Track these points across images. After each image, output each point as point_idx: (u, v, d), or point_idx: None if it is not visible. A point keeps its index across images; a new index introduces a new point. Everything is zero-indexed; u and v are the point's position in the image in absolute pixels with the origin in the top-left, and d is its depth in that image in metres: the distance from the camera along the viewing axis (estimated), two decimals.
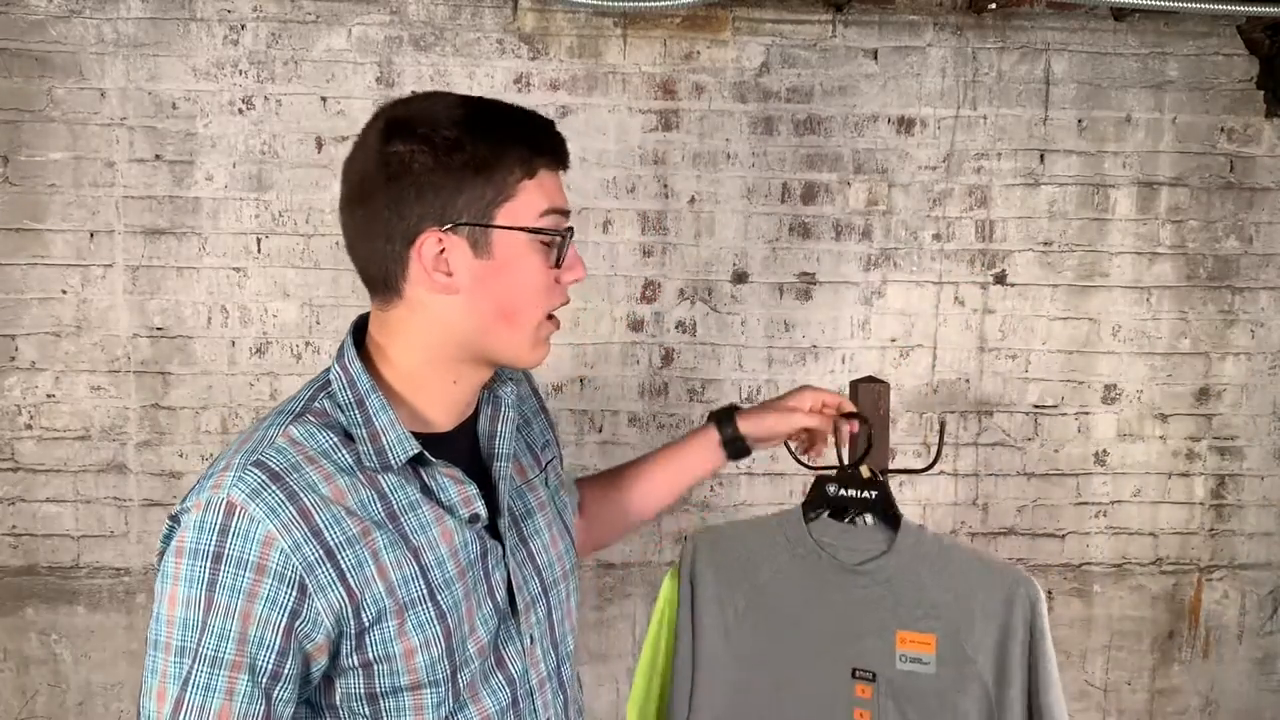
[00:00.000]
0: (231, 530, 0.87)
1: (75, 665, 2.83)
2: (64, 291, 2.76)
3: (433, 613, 0.96)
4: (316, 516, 0.90)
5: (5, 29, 2.68)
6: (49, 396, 2.78)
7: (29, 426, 2.78)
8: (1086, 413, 2.99)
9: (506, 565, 1.05)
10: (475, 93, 1.10)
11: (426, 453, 0.98)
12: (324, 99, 2.76)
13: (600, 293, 2.86)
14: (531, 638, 1.07)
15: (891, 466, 1.13)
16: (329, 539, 0.90)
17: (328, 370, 1.02)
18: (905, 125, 2.89)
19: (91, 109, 2.72)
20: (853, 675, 1.24)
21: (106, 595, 2.82)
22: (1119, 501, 3.02)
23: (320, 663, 0.92)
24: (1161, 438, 3.01)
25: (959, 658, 1.20)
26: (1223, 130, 2.94)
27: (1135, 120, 2.92)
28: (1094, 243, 2.94)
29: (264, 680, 0.88)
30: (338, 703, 0.96)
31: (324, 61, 2.76)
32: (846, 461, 1.29)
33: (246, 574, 0.87)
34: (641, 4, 2.61)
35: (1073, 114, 2.91)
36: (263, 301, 2.80)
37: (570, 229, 1.01)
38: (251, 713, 0.88)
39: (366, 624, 0.92)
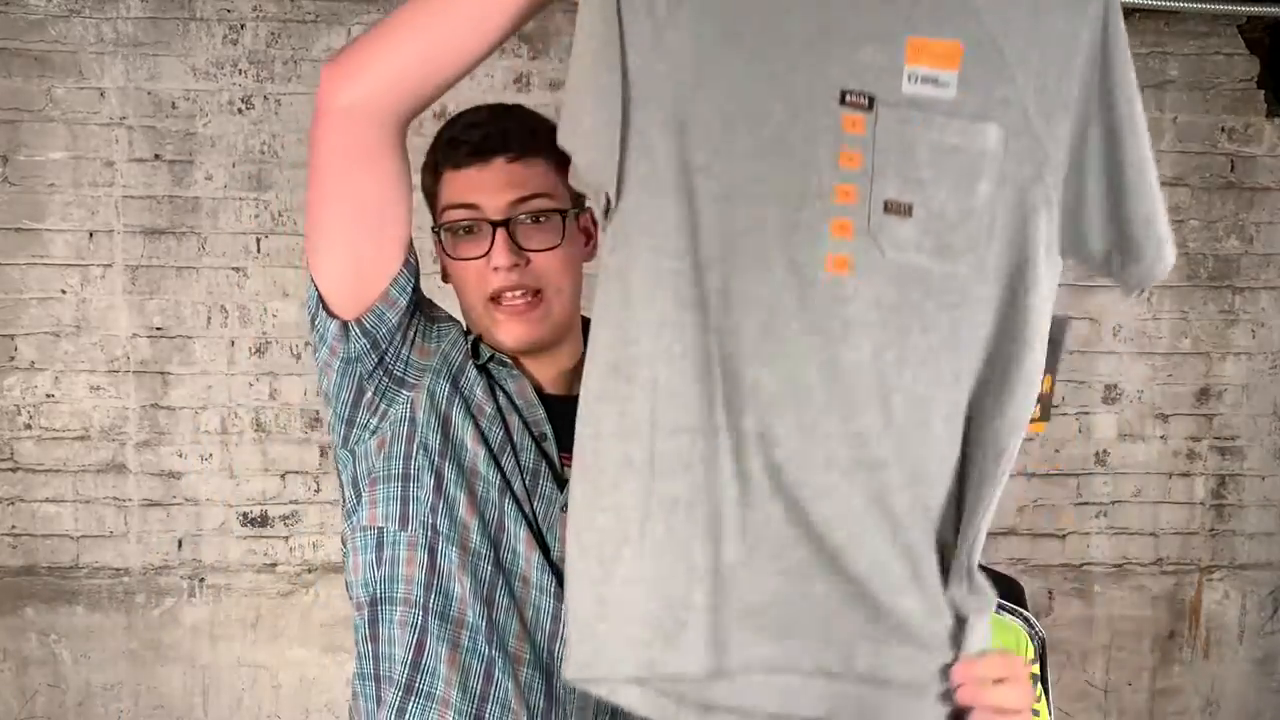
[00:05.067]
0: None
1: (75, 665, 2.83)
2: (64, 291, 2.76)
3: (440, 419, 1.07)
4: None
5: (5, 29, 2.68)
6: (49, 396, 2.77)
7: (29, 426, 2.78)
8: (1087, 413, 2.99)
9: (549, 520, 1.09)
10: (474, 93, 1.14)
11: (504, 358, 1.13)
12: None
13: None
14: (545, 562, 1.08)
15: None
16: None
17: None
18: None
19: (91, 109, 2.72)
20: (841, 101, 0.86)
21: (106, 595, 2.82)
22: (1119, 501, 3.02)
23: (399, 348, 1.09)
24: (1162, 438, 3.01)
25: (991, 74, 0.86)
26: (1223, 130, 2.93)
27: None
28: None
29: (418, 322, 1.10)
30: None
31: (324, 61, 2.75)
32: None
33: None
34: None
35: None
36: (262, 301, 2.79)
37: (467, 220, 1.09)
38: None
39: (395, 357, 1.07)
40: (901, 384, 0.88)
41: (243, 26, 2.73)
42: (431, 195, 1.14)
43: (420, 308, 1.10)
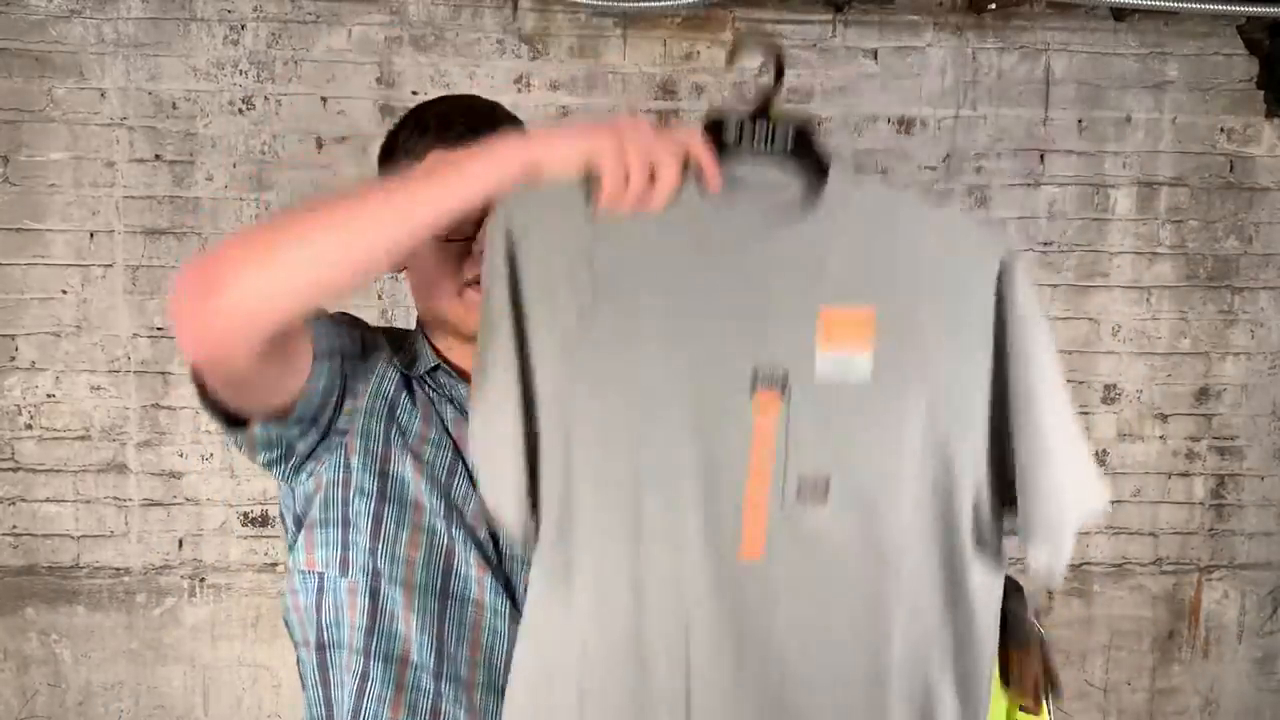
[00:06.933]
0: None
1: (75, 665, 2.83)
2: (64, 291, 2.76)
3: (448, 459, 1.05)
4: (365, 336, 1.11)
5: (5, 29, 2.68)
6: (49, 396, 2.78)
7: (29, 426, 2.78)
8: (1086, 413, 2.99)
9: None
10: (474, 93, 1.13)
11: (446, 367, 1.10)
12: (324, 99, 2.76)
13: None
14: (491, 564, 1.07)
15: None
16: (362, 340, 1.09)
17: None
18: (905, 125, 2.88)
19: (91, 109, 2.72)
20: (753, 384, 0.86)
21: (106, 595, 2.82)
22: (1119, 501, 3.02)
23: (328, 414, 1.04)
24: (1161, 438, 3.01)
25: (906, 341, 0.86)
26: (1223, 130, 2.94)
27: (1135, 120, 2.92)
28: (1094, 243, 2.94)
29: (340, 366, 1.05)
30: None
31: (324, 61, 2.76)
32: None
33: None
34: (641, 4, 2.60)
35: (1073, 114, 2.91)
36: None
37: None
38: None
39: (330, 419, 1.03)
40: (814, 651, 0.89)
41: (243, 27, 2.73)
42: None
43: (345, 358, 1.03)
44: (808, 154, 0.88)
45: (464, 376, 1.10)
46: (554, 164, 0.81)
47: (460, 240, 1.06)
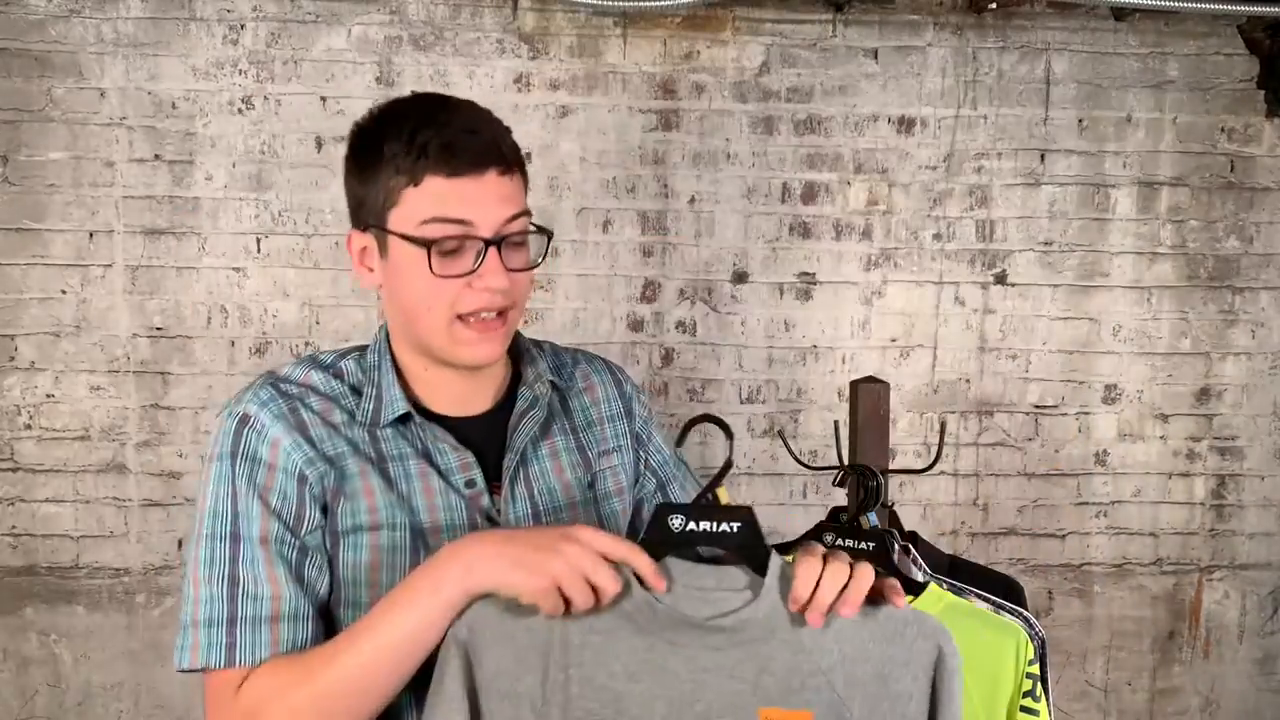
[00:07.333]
0: (245, 433, 1.02)
1: (75, 665, 2.83)
2: (64, 291, 2.76)
3: (408, 541, 1.03)
4: (312, 431, 1.03)
5: (5, 29, 2.68)
6: (49, 396, 2.77)
7: (29, 426, 2.78)
8: (1087, 413, 2.99)
9: None
10: (474, 93, 1.12)
11: (416, 414, 1.06)
12: (323, 99, 2.76)
13: (600, 293, 2.86)
14: None
15: (892, 467, 1.03)
16: (323, 449, 1.03)
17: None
18: (905, 125, 2.88)
19: (91, 109, 2.72)
20: None
21: (106, 595, 2.82)
22: (1119, 501, 3.02)
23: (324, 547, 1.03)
24: (1162, 438, 3.01)
25: None
26: (1223, 130, 2.94)
27: (1135, 120, 2.92)
28: (1094, 243, 2.94)
29: (292, 555, 1.00)
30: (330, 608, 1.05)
31: (324, 61, 2.76)
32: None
33: (260, 468, 1.01)
34: (641, 4, 2.60)
35: (1073, 114, 2.91)
36: (262, 301, 2.79)
37: (458, 236, 0.99)
38: (279, 576, 0.99)
39: (341, 530, 1.02)
40: None
41: (243, 26, 2.73)
42: (392, 195, 1.00)
43: (308, 544, 1.02)
44: (753, 544, 0.92)
45: (433, 417, 1.08)
46: (496, 591, 0.90)
47: (462, 276, 1.00)
